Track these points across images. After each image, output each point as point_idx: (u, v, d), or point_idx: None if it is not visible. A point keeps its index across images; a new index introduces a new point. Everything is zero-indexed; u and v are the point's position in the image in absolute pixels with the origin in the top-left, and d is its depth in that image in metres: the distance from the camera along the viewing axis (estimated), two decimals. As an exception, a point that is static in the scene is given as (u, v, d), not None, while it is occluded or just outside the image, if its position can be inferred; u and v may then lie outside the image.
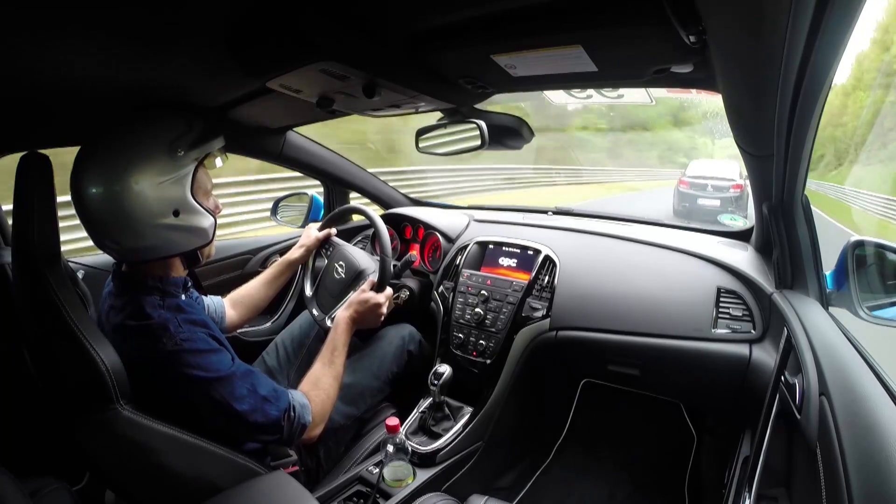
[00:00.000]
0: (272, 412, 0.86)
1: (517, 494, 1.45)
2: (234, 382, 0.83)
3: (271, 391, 0.88)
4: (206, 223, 0.86)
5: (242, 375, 0.85)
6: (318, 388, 0.99)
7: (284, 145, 1.51)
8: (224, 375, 0.82)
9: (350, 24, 0.71)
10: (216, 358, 0.83)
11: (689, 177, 7.81)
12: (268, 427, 0.86)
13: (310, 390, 0.98)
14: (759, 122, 0.72)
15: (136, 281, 0.84)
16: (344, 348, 1.08)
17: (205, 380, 0.80)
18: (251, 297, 1.25)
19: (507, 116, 1.21)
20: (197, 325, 0.83)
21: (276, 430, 0.88)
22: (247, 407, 0.83)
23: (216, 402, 0.81)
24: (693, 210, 7.44)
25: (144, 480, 0.82)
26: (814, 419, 0.63)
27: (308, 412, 0.93)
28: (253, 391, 0.85)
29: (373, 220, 1.33)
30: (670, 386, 1.37)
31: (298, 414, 0.90)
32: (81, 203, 0.77)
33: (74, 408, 0.77)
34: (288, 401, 0.90)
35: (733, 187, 7.27)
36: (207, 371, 0.80)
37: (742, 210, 7.01)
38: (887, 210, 7.43)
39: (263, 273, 1.30)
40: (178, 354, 0.79)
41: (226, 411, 0.82)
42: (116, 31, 0.66)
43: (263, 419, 0.85)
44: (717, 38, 0.57)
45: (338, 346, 1.07)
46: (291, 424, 0.89)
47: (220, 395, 0.81)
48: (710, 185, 7.44)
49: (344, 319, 1.11)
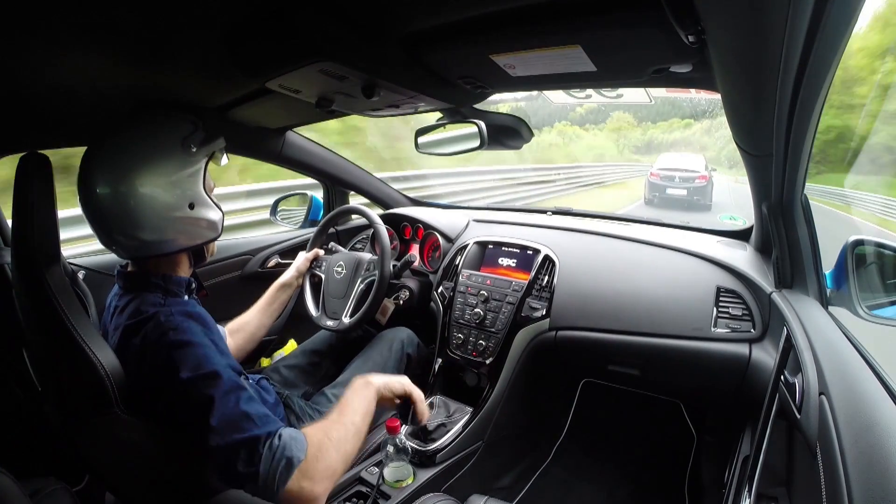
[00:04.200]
0: (251, 430, 0.70)
1: (517, 494, 1.45)
2: (218, 388, 0.71)
3: (260, 413, 0.73)
4: (216, 216, 0.89)
5: (231, 386, 0.73)
6: (326, 437, 0.77)
7: (284, 145, 1.51)
8: (207, 374, 0.71)
9: (349, 25, 0.71)
10: (203, 353, 0.74)
11: (659, 169, 8.52)
12: (240, 447, 0.68)
13: (315, 434, 0.76)
14: (758, 121, 0.72)
15: (140, 280, 0.84)
16: (356, 404, 0.86)
17: (186, 376, 0.71)
18: (249, 324, 1.24)
19: (507, 116, 1.22)
20: (192, 319, 0.78)
21: (250, 456, 0.68)
22: (220, 419, 0.69)
23: (192, 403, 0.71)
24: (662, 199, 8.17)
25: (144, 483, 0.82)
26: (814, 418, 0.63)
27: (299, 448, 0.71)
28: (236, 405, 0.71)
29: (372, 221, 1.34)
30: (670, 386, 1.37)
31: (283, 443, 0.70)
32: (93, 200, 0.78)
33: (74, 411, 0.76)
34: (277, 428, 0.72)
35: (699, 178, 8.11)
36: (189, 366, 0.72)
37: (707, 198, 8.01)
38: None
39: (259, 301, 1.28)
40: (165, 344, 0.73)
41: (198, 418, 0.69)
42: (116, 31, 0.66)
43: (237, 437, 0.68)
44: (715, 38, 0.57)
45: (349, 403, 0.86)
46: (273, 455, 0.68)
47: (197, 395, 0.70)
48: (677, 177, 8.24)
49: (362, 377, 0.93)
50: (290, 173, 1.68)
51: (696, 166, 8.39)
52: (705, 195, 8.10)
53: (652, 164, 9.71)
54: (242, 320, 1.24)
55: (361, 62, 0.77)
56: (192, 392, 0.71)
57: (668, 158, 9.17)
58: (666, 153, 10.29)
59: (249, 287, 1.52)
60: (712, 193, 8.27)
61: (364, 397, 0.88)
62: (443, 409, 1.34)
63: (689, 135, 22.87)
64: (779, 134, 0.70)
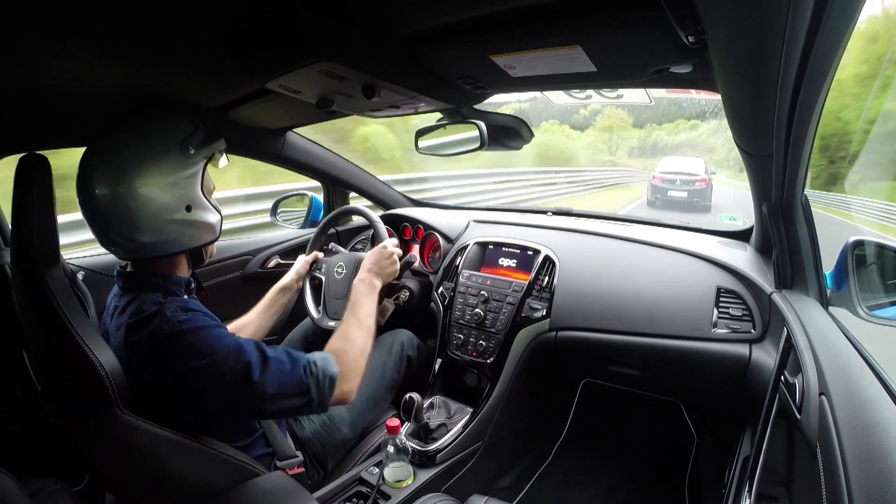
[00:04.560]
0: (290, 370, 0.81)
1: (517, 495, 1.45)
2: (242, 353, 0.78)
3: (282, 353, 0.83)
4: (214, 219, 0.89)
5: (247, 346, 0.80)
6: (345, 341, 0.93)
7: (284, 146, 1.51)
8: (229, 350, 0.78)
9: (349, 25, 0.71)
10: (218, 332, 0.79)
11: (661, 172, 9.18)
12: (291, 387, 0.80)
13: (335, 343, 0.93)
14: (758, 122, 0.72)
15: (140, 280, 0.84)
16: (367, 301, 1.04)
17: (209, 360, 0.76)
18: (248, 327, 1.23)
19: (507, 117, 1.22)
20: (195, 311, 0.82)
21: (301, 389, 0.81)
22: (259, 375, 0.78)
23: (227, 378, 0.77)
24: (664, 201, 8.79)
25: (144, 484, 0.82)
26: (814, 419, 0.63)
27: (332, 363, 0.86)
28: (262, 358, 0.80)
29: (372, 221, 1.34)
30: (670, 386, 1.37)
31: (321, 367, 0.84)
32: (92, 201, 0.78)
33: (73, 411, 0.76)
34: (305, 357, 0.84)
35: (699, 181, 8.66)
36: (211, 348, 0.77)
37: (706, 199, 8.59)
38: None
39: (259, 303, 1.28)
40: (177, 336, 0.76)
41: (243, 384, 0.77)
42: (116, 31, 0.66)
43: (284, 380, 0.80)
44: (715, 39, 0.57)
45: (358, 301, 1.03)
46: (317, 379, 0.82)
47: (229, 369, 0.77)
48: (678, 180, 8.80)
49: (359, 279, 1.09)
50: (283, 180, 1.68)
51: (697, 170, 8.89)
52: (705, 197, 8.60)
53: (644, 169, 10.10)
54: (242, 323, 1.24)
55: (362, 62, 0.77)
56: (222, 369, 0.77)
57: (669, 162, 9.73)
58: (668, 157, 10.93)
59: (250, 287, 1.52)
60: (712, 195, 8.76)
61: (372, 302, 1.06)
62: (443, 409, 1.34)
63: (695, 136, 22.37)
64: (779, 134, 0.70)
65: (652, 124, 23.61)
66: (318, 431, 1.10)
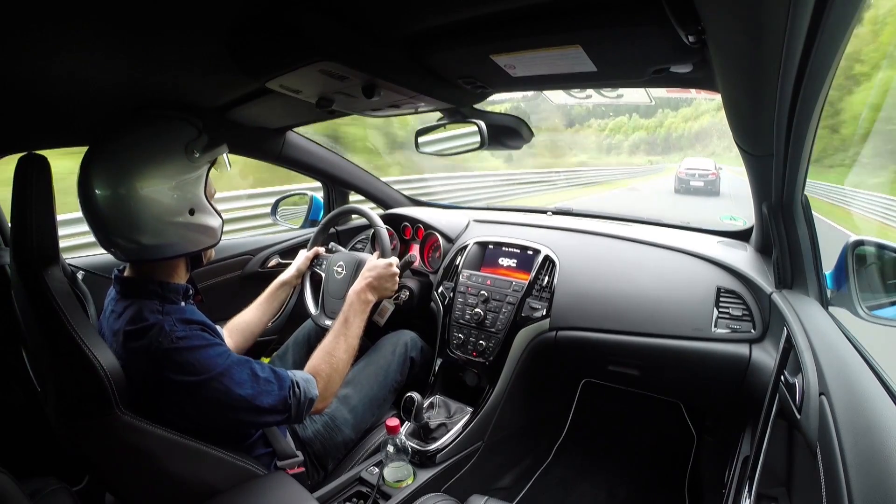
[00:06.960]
0: (276, 392, 0.87)
1: (517, 494, 1.45)
2: (234, 372, 0.83)
3: (270, 374, 0.88)
4: (215, 223, 0.89)
5: (239, 364, 0.85)
6: (326, 362, 1.00)
7: (284, 145, 1.51)
8: (223, 369, 0.82)
9: (349, 25, 0.71)
10: (213, 352, 0.82)
11: (684, 168, 13.31)
12: (275, 406, 0.87)
13: (320, 364, 0.99)
14: (758, 121, 0.72)
15: (137, 285, 0.84)
16: (357, 320, 1.08)
17: (204, 377, 0.80)
18: (248, 323, 1.24)
19: (507, 116, 1.22)
20: (193, 324, 0.83)
21: (284, 407, 0.88)
22: (250, 391, 0.84)
23: (219, 394, 0.81)
24: (686, 188, 12.61)
25: (144, 484, 0.82)
26: (814, 419, 0.63)
27: (313, 385, 0.94)
28: (253, 376, 0.85)
29: (372, 221, 1.34)
30: (670, 386, 1.37)
31: (303, 389, 0.91)
32: (93, 202, 0.78)
33: (73, 411, 0.76)
34: (290, 378, 0.91)
35: (711, 174, 12.57)
36: (206, 366, 0.80)
37: (716, 188, 12.39)
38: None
39: (258, 298, 1.29)
40: (175, 352, 0.78)
41: (231, 401, 0.82)
42: (116, 31, 0.66)
43: (269, 400, 0.86)
44: (715, 38, 0.57)
45: (349, 318, 1.07)
46: (298, 401, 0.90)
47: (222, 386, 0.81)
48: (697, 174, 12.81)
49: (355, 291, 1.12)
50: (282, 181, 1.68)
51: (709, 167, 12.85)
52: (715, 185, 12.46)
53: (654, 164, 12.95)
54: (240, 318, 1.24)
55: (362, 62, 0.77)
56: (215, 386, 0.81)
57: (689, 161, 14.10)
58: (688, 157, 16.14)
59: (250, 287, 1.51)
60: (720, 185, 12.54)
61: (362, 320, 1.10)
62: (443, 409, 1.34)
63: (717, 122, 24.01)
64: (779, 134, 0.70)
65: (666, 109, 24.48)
66: (319, 432, 1.11)
